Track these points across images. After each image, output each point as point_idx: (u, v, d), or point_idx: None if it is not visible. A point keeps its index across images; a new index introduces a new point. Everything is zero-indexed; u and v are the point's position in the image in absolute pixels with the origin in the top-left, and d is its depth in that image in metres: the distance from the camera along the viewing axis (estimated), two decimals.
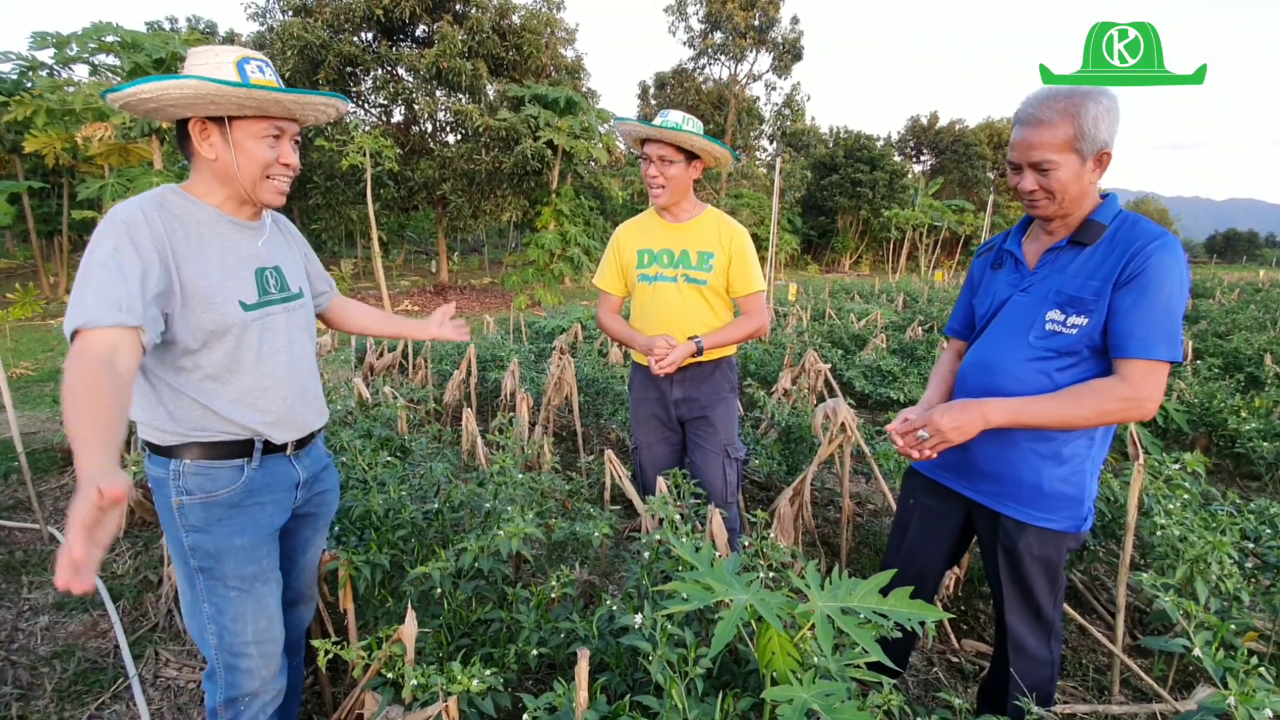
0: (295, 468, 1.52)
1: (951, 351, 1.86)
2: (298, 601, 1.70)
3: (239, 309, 1.37)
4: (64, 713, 2.06)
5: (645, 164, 2.27)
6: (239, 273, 1.39)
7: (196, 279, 1.31)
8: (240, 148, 1.33)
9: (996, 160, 38.49)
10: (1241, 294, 13.29)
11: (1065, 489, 1.54)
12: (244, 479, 1.40)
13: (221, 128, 1.32)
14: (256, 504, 1.43)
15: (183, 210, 1.34)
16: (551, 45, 16.95)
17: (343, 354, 6.25)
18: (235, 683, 1.45)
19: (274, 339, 1.44)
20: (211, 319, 1.32)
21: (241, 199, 1.40)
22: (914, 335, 7.31)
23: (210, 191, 1.38)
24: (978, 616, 2.69)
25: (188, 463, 1.35)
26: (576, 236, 14.42)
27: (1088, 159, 1.42)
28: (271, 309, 1.45)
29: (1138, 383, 1.38)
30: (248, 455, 1.40)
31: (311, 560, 1.70)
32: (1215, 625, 1.32)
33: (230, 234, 1.39)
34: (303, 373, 1.51)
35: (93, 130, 8.91)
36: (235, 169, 1.34)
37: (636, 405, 2.51)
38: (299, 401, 1.49)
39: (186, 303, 1.29)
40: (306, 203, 16.41)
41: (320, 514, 1.66)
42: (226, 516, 1.39)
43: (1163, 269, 1.37)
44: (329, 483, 1.66)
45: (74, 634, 2.46)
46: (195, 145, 1.34)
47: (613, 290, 2.48)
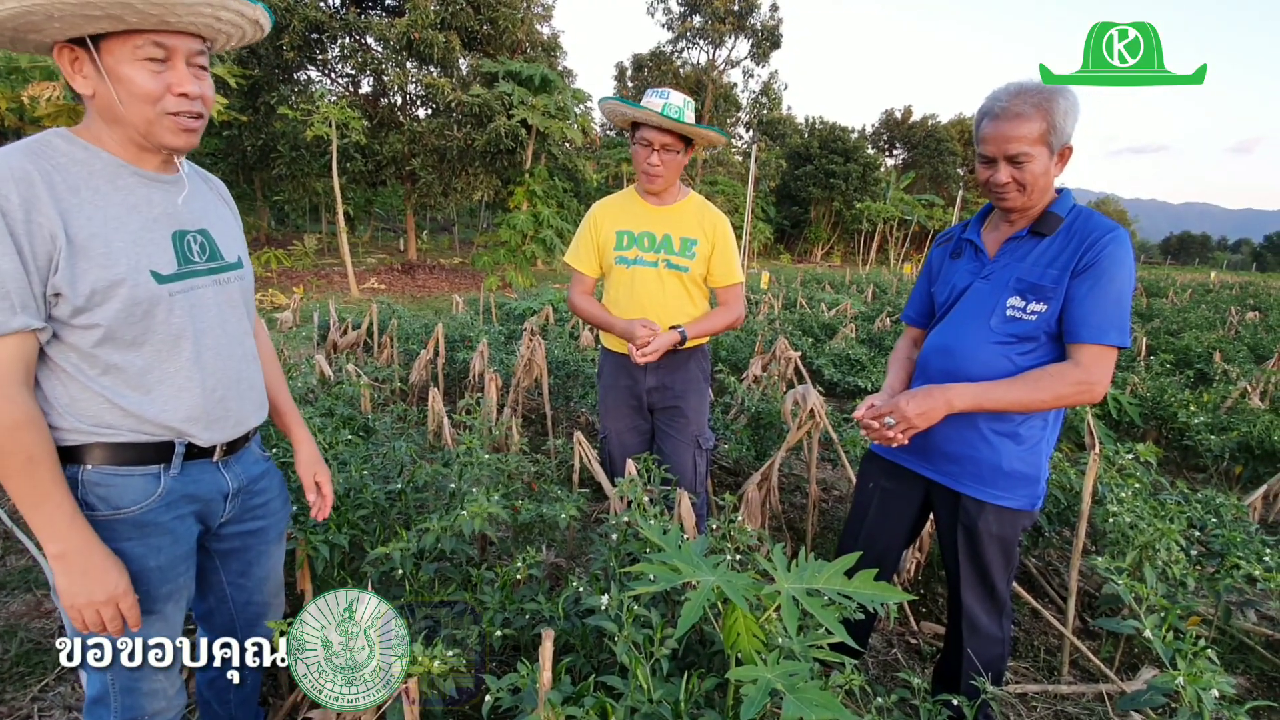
0: (224, 476, 1.29)
1: (908, 338, 1.90)
2: (263, 613, 1.50)
3: (151, 281, 1.12)
4: (5, 694, 1.98)
5: (643, 150, 2.13)
6: (149, 236, 1.13)
7: (89, 241, 1.06)
8: (115, 76, 1.05)
9: (967, 156, 39.17)
10: (1193, 294, 13.81)
11: (1023, 468, 1.59)
12: (160, 490, 1.17)
13: (92, 57, 1.05)
14: (177, 518, 1.21)
15: (70, 157, 1.08)
16: (528, 20, 16.61)
17: (304, 330, 6.09)
18: (136, 705, 1.24)
19: (201, 317, 1.20)
20: (117, 294, 1.08)
21: (139, 144, 1.13)
22: (882, 326, 7.43)
23: (101, 136, 1.12)
24: (936, 600, 2.75)
25: (89, 468, 1.12)
26: (549, 218, 14.26)
27: (1055, 152, 1.49)
28: (197, 281, 1.20)
29: (1089, 367, 1.45)
30: (165, 461, 1.17)
31: (271, 569, 1.50)
32: (1165, 608, 1.36)
33: (136, 188, 1.14)
34: (236, 358, 1.27)
35: (40, 89, 8.48)
36: (117, 104, 1.07)
37: (606, 392, 2.45)
38: (232, 394, 1.26)
39: (76, 267, 1.05)
40: (269, 173, 15.90)
41: (269, 525, 1.44)
42: (137, 536, 1.16)
43: (1115, 260, 1.45)
44: (270, 490, 1.43)
45: (16, 614, 2.36)
46: (67, 76, 1.08)
47: (587, 271, 2.34)
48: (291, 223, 26.33)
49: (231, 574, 1.44)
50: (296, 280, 13.97)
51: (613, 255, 2.29)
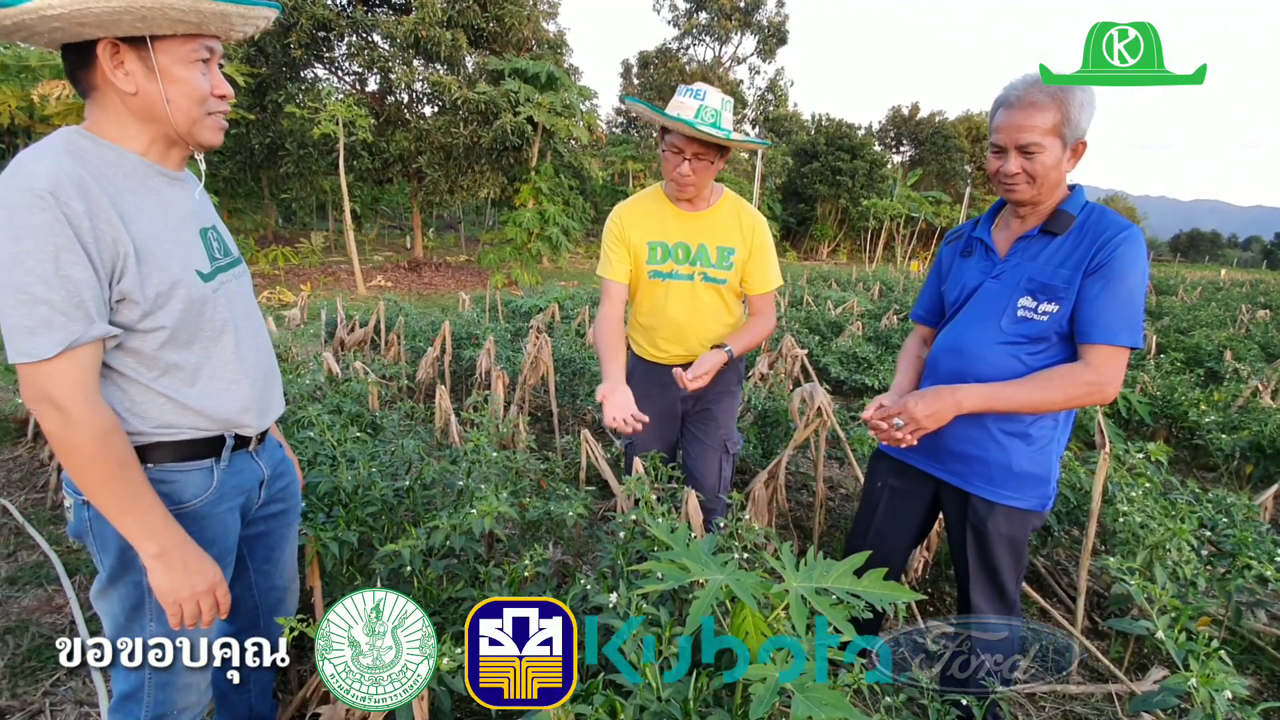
0: (259, 464, 1.35)
1: (917, 337, 1.88)
2: (283, 598, 1.56)
3: (198, 280, 1.15)
4: (17, 689, 2.00)
5: (672, 157, 1.93)
6: (185, 236, 1.16)
7: (147, 244, 1.07)
8: (169, 76, 1.06)
9: (974, 153, 38.91)
10: (1203, 292, 13.70)
11: (1033, 468, 1.58)
12: (215, 483, 1.23)
13: (140, 50, 1.04)
14: (228, 510, 1.27)
15: (101, 159, 1.06)
16: (534, 18, 16.60)
17: (312, 328, 6.11)
18: (168, 699, 1.26)
19: (236, 311, 1.24)
20: (177, 294, 1.11)
21: (171, 140, 1.13)
22: (889, 324, 7.40)
23: (127, 135, 1.10)
24: (944, 599, 2.74)
25: (152, 468, 1.15)
26: (555, 216, 14.26)
27: (1068, 146, 1.46)
28: (224, 276, 1.24)
29: (1100, 367, 1.43)
30: (217, 454, 1.23)
31: (290, 554, 1.56)
32: (1177, 609, 1.36)
33: (162, 188, 1.14)
34: (264, 348, 1.33)
35: (50, 88, 8.54)
36: (164, 105, 1.07)
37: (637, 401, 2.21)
38: (268, 384, 1.33)
39: (142, 270, 1.06)
40: (277, 171, 15.94)
41: (290, 507, 1.51)
42: (197, 530, 1.20)
43: (1128, 259, 1.43)
44: (289, 474, 1.51)
45: (28, 609, 2.38)
46: (104, 74, 1.05)
47: (623, 280, 2.12)
48: (299, 220, 26.39)
49: (257, 560, 1.48)
50: (304, 278, 14.02)
51: (646, 269, 2.10)
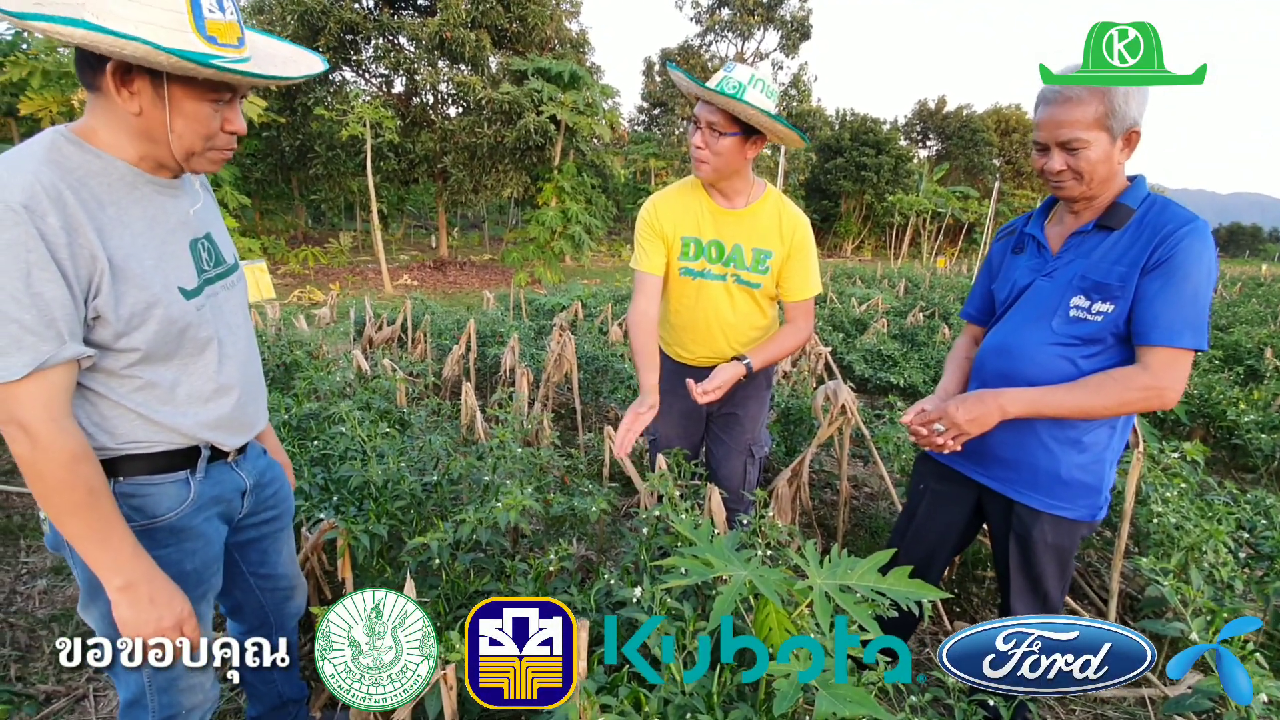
0: (239, 474, 1.31)
1: (968, 337, 1.81)
2: (290, 593, 1.57)
3: (180, 299, 1.10)
4: (62, 676, 2.07)
5: (692, 128, 1.87)
6: (171, 249, 1.11)
7: (126, 262, 1.02)
8: (179, 108, 1.02)
9: (1003, 147, 38.14)
10: (1243, 288, 13.26)
11: (1084, 477, 1.50)
12: (191, 496, 1.18)
13: (153, 79, 1.00)
14: (206, 520, 1.24)
15: (86, 167, 1.01)
16: (556, 17, 16.67)
17: (341, 326, 6.23)
18: (174, 702, 1.25)
19: (223, 325, 1.20)
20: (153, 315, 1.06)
21: (161, 161, 1.09)
22: (915, 321, 7.29)
23: (120, 144, 1.05)
24: (970, 599, 2.71)
25: (122, 481, 1.11)
26: (578, 214, 14.32)
27: (1117, 137, 1.37)
28: (213, 288, 1.19)
29: (1159, 371, 1.34)
30: (192, 466, 1.19)
31: (288, 551, 1.56)
32: (1213, 611, 1.33)
33: (152, 197, 1.09)
34: (249, 361, 1.29)
35: None
36: (167, 133, 1.03)
37: (661, 396, 2.18)
38: (248, 397, 1.28)
39: (117, 289, 1.02)
40: (307, 173, 16.26)
41: (281, 512, 1.48)
42: (174, 542, 1.18)
43: (1192, 255, 1.33)
44: (278, 479, 1.47)
45: (72, 598, 2.47)
46: (109, 87, 0.99)
47: (659, 273, 2.03)
48: (328, 221, 26.89)
49: (251, 564, 1.47)
50: (333, 277, 14.29)
51: (678, 264, 2.03)
